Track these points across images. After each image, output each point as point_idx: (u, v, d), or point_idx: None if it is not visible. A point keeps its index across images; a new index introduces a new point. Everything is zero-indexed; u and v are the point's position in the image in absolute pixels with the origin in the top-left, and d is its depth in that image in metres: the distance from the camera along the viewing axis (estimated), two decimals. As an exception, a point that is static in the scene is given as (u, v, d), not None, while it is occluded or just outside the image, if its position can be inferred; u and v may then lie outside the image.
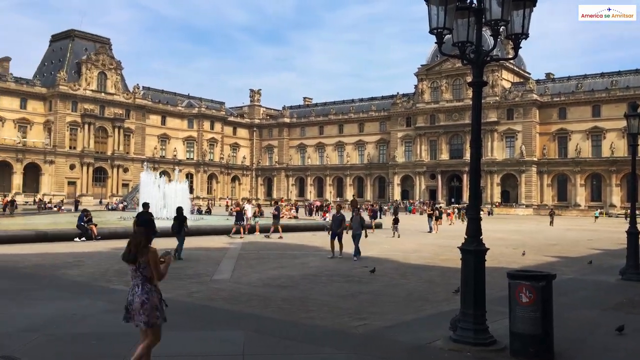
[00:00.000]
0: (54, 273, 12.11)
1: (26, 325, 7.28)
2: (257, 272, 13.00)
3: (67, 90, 74.67)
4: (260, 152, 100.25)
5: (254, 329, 7.31)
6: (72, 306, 8.59)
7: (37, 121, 75.04)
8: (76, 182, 75.77)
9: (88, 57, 77.97)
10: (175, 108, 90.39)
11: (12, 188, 69.75)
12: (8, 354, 5.83)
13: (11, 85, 73.05)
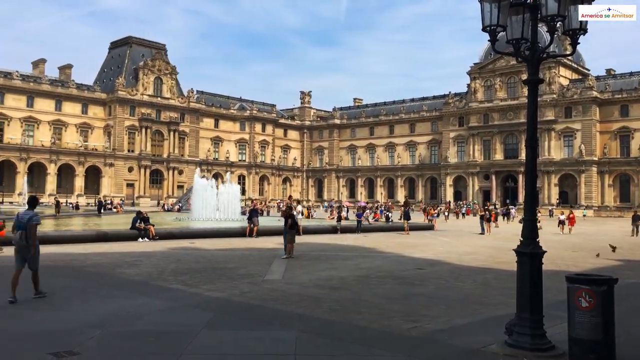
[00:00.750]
0: (113, 272, 12.55)
1: (87, 322, 7.57)
2: (308, 272, 13.05)
3: (125, 95, 77.43)
4: (310, 154, 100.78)
5: (305, 329, 7.35)
6: (130, 304, 8.87)
7: (97, 125, 78.16)
8: (134, 183, 78.42)
9: (145, 62, 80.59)
10: (228, 111, 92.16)
11: (75, 190, 72.96)
12: (69, 349, 6.07)
13: (73, 92, 76.43)
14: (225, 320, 7.91)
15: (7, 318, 7.87)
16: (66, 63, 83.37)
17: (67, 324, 7.40)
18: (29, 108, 72.12)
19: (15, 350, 6.07)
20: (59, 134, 74.18)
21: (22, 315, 8.03)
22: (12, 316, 7.98)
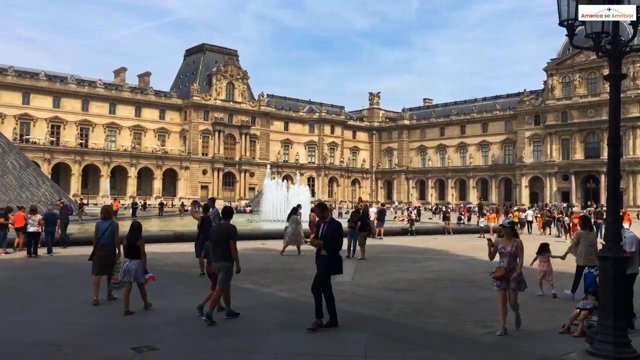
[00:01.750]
0: (190, 271, 13.02)
1: (167, 318, 7.91)
2: (378, 274, 13.00)
3: (199, 100, 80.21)
4: (379, 155, 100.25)
5: (374, 332, 7.32)
6: (199, 301, 9.16)
7: (174, 130, 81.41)
8: (208, 186, 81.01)
9: (218, 68, 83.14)
10: (297, 114, 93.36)
11: (153, 192, 76.31)
12: (150, 344, 6.37)
13: (152, 98, 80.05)
14: (295, 321, 8.02)
15: (98, 313, 8.35)
16: (145, 71, 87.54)
17: (148, 320, 7.76)
18: (112, 114, 76.18)
19: (102, 344, 6.43)
20: (138, 139, 77.88)
21: (109, 310, 8.50)
22: (99, 311, 8.45)
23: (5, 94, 68.08)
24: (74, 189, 68.50)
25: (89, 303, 8.85)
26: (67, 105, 72.47)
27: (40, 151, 67.58)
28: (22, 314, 7.98)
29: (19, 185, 31.83)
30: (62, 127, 71.94)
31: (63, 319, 7.71)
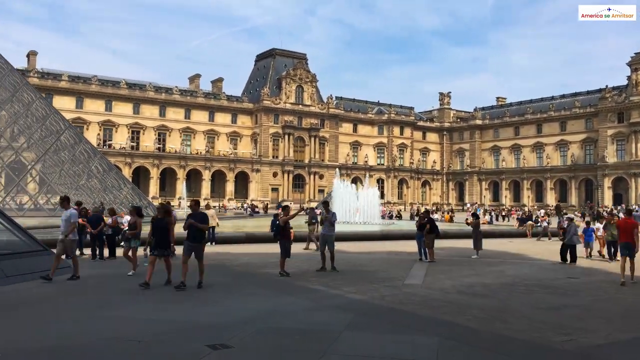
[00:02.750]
0: (260, 271, 13.26)
1: (239, 317, 8.09)
2: (450, 278, 12.71)
3: (269, 104, 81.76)
4: (450, 156, 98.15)
5: (447, 336, 7.15)
6: (277, 303, 9.31)
7: (245, 134, 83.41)
8: (278, 188, 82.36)
9: (287, 72, 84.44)
10: (366, 115, 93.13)
11: (226, 194, 78.52)
12: (224, 342, 6.53)
13: (224, 103, 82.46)
14: (365, 323, 7.97)
15: (172, 311, 8.68)
16: (218, 77, 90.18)
17: (221, 319, 7.97)
18: (187, 120, 79.12)
19: (178, 340, 6.66)
20: (212, 143, 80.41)
21: (183, 308, 8.80)
22: (175, 309, 8.77)
23: (90, 102, 72.29)
24: (153, 191, 71.62)
25: (164, 301, 9.19)
26: (146, 112, 75.97)
27: (121, 155, 71.19)
28: (106, 310, 8.41)
29: (102, 188, 33.66)
30: (142, 132, 75.46)
31: (141, 316, 8.05)
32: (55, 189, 33.34)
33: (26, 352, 5.87)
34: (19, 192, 32.28)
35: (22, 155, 32.87)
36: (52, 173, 33.92)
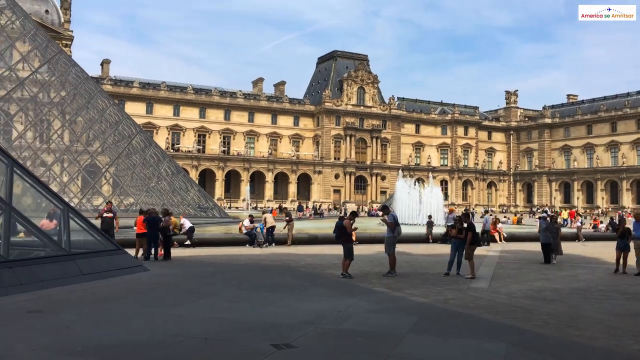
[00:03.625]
0: (323, 272, 13.32)
1: (303, 318, 8.14)
2: (518, 282, 12.29)
3: (331, 106, 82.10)
4: (517, 156, 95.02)
5: (515, 342, 6.91)
6: (339, 304, 9.30)
7: (307, 136, 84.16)
8: (340, 189, 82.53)
9: (348, 74, 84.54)
10: (429, 116, 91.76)
11: (289, 196, 79.48)
12: (287, 342, 6.59)
13: (286, 106, 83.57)
14: (429, 326, 7.84)
15: (238, 310, 8.85)
16: (280, 80, 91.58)
17: (285, 319, 8.05)
18: (250, 123, 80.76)
19: (243, 339, 6.79)
20: (274, 145, 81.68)
21: (249, 307, 8.96)
22: (242, 309, 8.94)
23: (159, 107, 75.17)
24: (218, 193, 73.53)
25: (231, 300, 9.39)
26: (212, 116, 78.16)
27: (188, 159, 73.55)
28: (175, 309, 8.69)
29: (171, 190, 34.87)
30: (207, 135, 77.68)
31: (209, 315, 8.25)
32: (127, 191, 34.84)
33: (101, 347, 6.14)
34: (94, 194, 33.94)
35: (97, 159, 34.56)
36: (125, 176, 35.46)
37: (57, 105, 35.14)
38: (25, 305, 8.19)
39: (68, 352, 5.82)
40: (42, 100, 34.38)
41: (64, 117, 35.42)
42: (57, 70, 33.46)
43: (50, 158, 35.79)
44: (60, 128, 36.28)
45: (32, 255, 10.55)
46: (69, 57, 39.27)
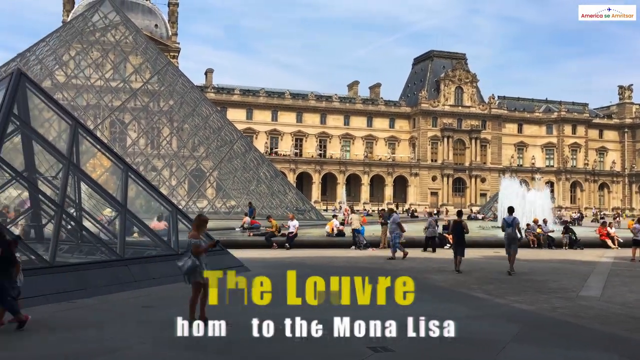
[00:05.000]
0: (421, 277, 13.11)
1: (400, 322, 8.06)
2: (634, 291, 11.38)
3: (427, 107, 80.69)
4: (634, 156, 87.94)
5: (629, 355, 6.41)
6: (437, 309, 9.11)
7: (403, 138, 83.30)
8: (437, 192, 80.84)
9: (445, 74, 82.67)
10: (532, 114, 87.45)
11: (385, 198, 79.04)
12: (385, 345, 6.56)
13: (382, 108, 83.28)
14: (534, 335, 7.47)
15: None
16: (376, 82, 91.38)
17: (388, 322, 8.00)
18: (346, 126, 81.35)
19: (340, 340, 6.84)
20: (370, 148, 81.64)
21: (347, 310, 9.00)
22: (339, 309, 9.00)
23: (258, 112, 77.80)
24: (315, 196, 74.72)
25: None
26: (308, 120, 79.63)
27: (286, 162, 75.42)
28: (275, 308, 8.92)
29: (270, 192, 35.97)
30: (304, 139, 79.25)
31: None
32: (229, 194, 36.42)
33: (205, 341, 6.44)
34: (199, 197, 35.81)
35: (201, 163, 36.45)
36: (227, 179, 37.10)
37: (166, 114, 37.50)
38: (139, 301, 8.80)
39: (176, 346, 6.17)
40: (153, 109, 36.82)
41: (172, 125, 37.76)
42: (166, 80, 35.72)
43: (160, 163, 38.25)
44: (168, 135, 38.68)
45: (145, 254, 11.31)
46: (176, 67, 41.79)
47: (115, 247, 10.19)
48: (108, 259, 9.86)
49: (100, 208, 12.27)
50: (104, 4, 34.83)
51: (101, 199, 11.19)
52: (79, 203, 11.29)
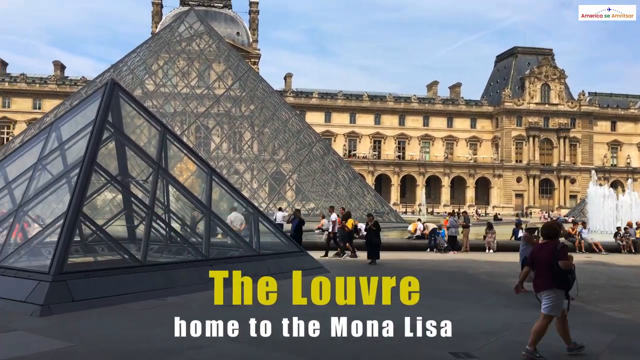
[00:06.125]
0: (504, 281, 12.63)
1: (482, 328, 7.83)
2: None
3: (511, 106, 77.81)
4: None
5: None
6: (522, 315, 8.76)
7: (485, 138, 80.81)
8: (523, 194, 77.70)
9: (531, 71, 79.38)
10: (627, 111, 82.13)
11: (466, 201, 77.01)
12: (467, 351, 6.39)
13: (462, 108, 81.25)
14: (630, 346, 7.00)
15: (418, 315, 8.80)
16: (456, 82, 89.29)
17: (463, 328, 7.80)
18: (425, 127, 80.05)
19: (421, 345, 6.74)
20: (450, 149, 79.87)
21: (427, 313, 8.86)
22: (421, 313, 8.87)
23: (336, 115, 78.29)
24: (394, 198, 74.08)
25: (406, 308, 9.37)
26: (386, 121, 79.15)
27: (364, 164, 75.35)
28: (360, 308, 8.93)
29: (348, 195, 36.08)
30: (382, 141, 78.84)
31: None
32: (308, 197, 36.87)
33: (284, 341, 6.55)
34: (279, 199, 36.55)
35: (281, 166, 37.19)
36: (306, 182, 37.60)
37: (247, 118, 38.62)
38: (225, 300, 9.07)
39: (258, 344, 6.32)
40: (235, 114, 38.05)
41: (253, 129, 38.82)
42: (247, 86, 36.82)
43: (242, 166, 39.40)
44: (250, 139, 39.78)
45: (228, 255, 11.68)
46: (257, 73, 42.93)
47: (200, 247, 10.59)
48: (194, 259, 10.24)
49: (186, 210, 12.80)
50: (189, 15, 36.49)
51: (187, 202, 11.67)
52: (167, 205, 11.84)
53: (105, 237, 9.89)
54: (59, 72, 76.59)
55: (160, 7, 74.98)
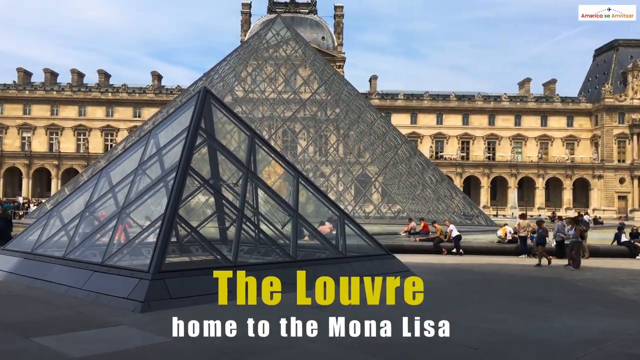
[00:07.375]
0: (606, 289, 11.89)
1: (582, 337, 7.40)
2: None
3: (612, 102, 73.02)
4: None
5: None
6: (625, 325, 8.19)
7: (583, 137, 76.36)
8: (627, 196, 72.62)
9: (634, 64, 74.12)
10: None
11: (563, 203, 73.12)
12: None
13: (557, 106, 77.22)
14: None
15: (509, 322, 8.49)
16: (550, 79, 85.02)
17: (560, 337, 7.42)
18: (517, 126, 76.96)
19: (513, 353, 6.47)
20: (544, 149, 76.17)
21: (520, 320, 8.51)
22: (513, 321, 8.54)
23: (423, 116, 77.06)
24: (483, 200, 71.76)
25: (499, 311, 9.05)
26: (475, 122, 76.85)
27: (452, 166, 73.57)
28: (441, 314, 8.76)
29: (435, 197, 35.36)
30: (471, 142, 76.63)
31: (480, 325, 8.06)
32: (395, 199, 36.56)
33: (376, 344, 6.54)
34: (365, 202, 36.52)
35: (367, 169, 37.14)
36: (392, 184, 37.30)
37: (333, 122, 38.96)
38: (315, 301, 9.20)
39: (346, 346, 6.36)
40: (321, 118, 38.53)
41: (338, 132, 39.11)
42: (332, 90, 37.16)
43: (328, 169, 39.81)
44: (335, 142, 40.12)
45: (315, 257, 11.84)
46: (342, 76, 43.23)
47: (288, 249, 10.82)
48: (282, 260, 10.48)
49: (274, 212, 13.13)
50: (276, 22, 37.45)
51: (275, 204, 11.96)
52: (256, 208, 12.20)
53: (199, 238, 10.38)
54: (156, 81, 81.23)
55: (249, 15, 77.58)
